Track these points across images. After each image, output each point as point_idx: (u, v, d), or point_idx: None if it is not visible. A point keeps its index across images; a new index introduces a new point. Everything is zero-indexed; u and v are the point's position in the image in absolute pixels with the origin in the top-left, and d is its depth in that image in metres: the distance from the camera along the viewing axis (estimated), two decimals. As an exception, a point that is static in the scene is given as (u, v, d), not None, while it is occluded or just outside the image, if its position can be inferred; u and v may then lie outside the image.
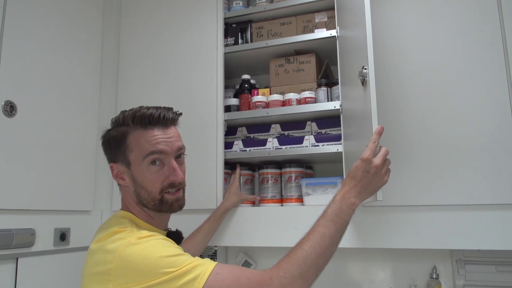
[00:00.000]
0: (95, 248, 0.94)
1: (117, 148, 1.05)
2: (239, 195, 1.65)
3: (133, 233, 0.93)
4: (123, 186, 1.09)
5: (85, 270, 0.95)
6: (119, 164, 1.05)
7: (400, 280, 1.72)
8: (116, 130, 1.07)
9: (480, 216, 1.35)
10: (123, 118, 1.05)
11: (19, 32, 1.45)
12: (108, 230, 0.96)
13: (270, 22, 1.81)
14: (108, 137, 1.08)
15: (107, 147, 1.09)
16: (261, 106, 1.72)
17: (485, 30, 1.43)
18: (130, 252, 0.86)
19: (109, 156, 1.09)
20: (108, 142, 1.08)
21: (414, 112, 1.46)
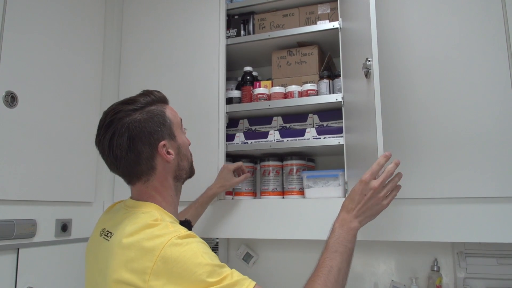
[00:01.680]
0: (128, 243, 0.89)
1: (163, 124, 1.05)
2: (229, 179, 1.56)
3: (168, 228, 0.91)
4: (159, 169, 1.04)
5: (114, 263, 0.89)
6: (166, 140, 1.04)
7: (401, 272, 1.73)
8: (148, 110, 1.03)
9: (481, 208, 1.35)
10: (151, 101, 1.06)
11: (20, 23, 1.44)
12: (139, 223, 0.93)
13: (273, 13, 1.79)
14: (147, 117, 1.02)
15: (154, 126, 1.02)
16: (263, 99, 1.72)
17: (489, 21, 1.41)
18: (171, 253, 0.85)
19: (156, 136, 1.02)
20: (153, 121, 1.02)
21: (416, 105, 1.46)
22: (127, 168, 1.02)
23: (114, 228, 0.98)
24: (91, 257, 1.04)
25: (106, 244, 0.96)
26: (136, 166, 1.01)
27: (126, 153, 0.99)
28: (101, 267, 0.95)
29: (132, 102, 1.03)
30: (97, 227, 1.09)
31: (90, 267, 1.04)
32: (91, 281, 1.01)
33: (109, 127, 0.99)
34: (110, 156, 1.00)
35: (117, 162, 1.00)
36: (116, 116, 1.00)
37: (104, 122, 1.00)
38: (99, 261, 0.97)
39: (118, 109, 1.01)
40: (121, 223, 0.97)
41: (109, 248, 0.93)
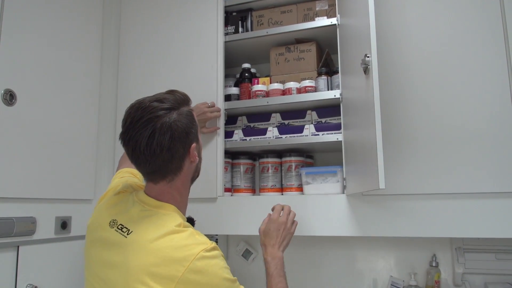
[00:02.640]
0: (155, 249, 0.93)
1: (194, 125, 1.08)
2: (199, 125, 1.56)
3: (195, 238, 0.97)
4: (184, 170, 1.07)
5: (137, 264, 0.92)
6: (195, 142, 1.08)
7: (400, 268, 1.74)
8: (182, 111, 1.05)
9: (479, 204, 1.35)
10: (184, 99, 1.08)
11: (18, 21, 1.44)
12: (164, 227, 0.97)
13: (271, 10, 1.79)
14: (183, 117, 1.04)
15: (190, 126, 1.05)
16: (261, 95, 1.72)
17: (487, 18, 1.42)
18: (201, 266, 0.91)
19: (191, 137, 1.06)
20: (188, 121, 1.05)
21: (415, 101, 1.46)
22: (159, 166, 1.02)
23: (131, 225, 1.00)
24: (99, 244, 1.04)
25: (124, 240, 0.98)
26: (168, 165, 1.03)
27: (165, 152, 1.00)
28: (116, 260, 0.97)
29: (163, 100, 1.03)
30: (101, 215, 1.08)
31: (98, 253, 1.03)
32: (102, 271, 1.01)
33: (147, 124, 0.98)
34: (146, 152, 0.99)
35: (152, 159, 1.01)
36: (154, 114, 0.99)
37: (140, 118, 0.99)
38: (113, 253, 0.99)
39: (154, 106, 1.01)
40: (141, 222, 1.00)
41: (129, 246, 0.96)
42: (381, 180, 1.05)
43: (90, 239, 1.08)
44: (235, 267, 1.95)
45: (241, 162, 1.79)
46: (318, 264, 1.84)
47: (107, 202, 1.11)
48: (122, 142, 1.03)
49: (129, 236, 0.98)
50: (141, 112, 1.00)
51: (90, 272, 1.05)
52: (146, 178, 1.09)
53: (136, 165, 1.05)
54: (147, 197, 1.07)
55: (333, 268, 1.82)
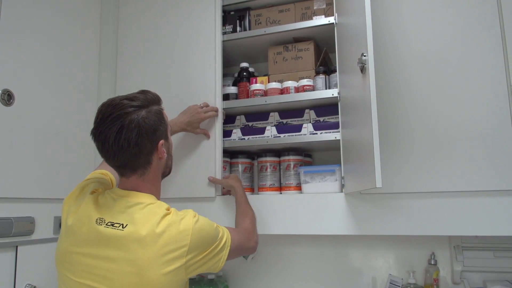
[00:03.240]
0: (160, 232, 1.01)
1: (163, 124, 1.13)
2: (196, 127, 1.65)
3: (182, 212, 1.09)
4: (153, 165, 1.12)
5: (147, 252, 0.99)
6: (163, 139, 1.13)
7: (398, 266, 1.74)
8: (151, 109, 1.10)
9: (478, 202, 1.36)
10: (155, 99, 1.13)
11: (16, 20, 1.44)
12: (158, 213, 1.04)
13: (269, 9, 1.79)
14: (152, 115, 1.09)
15: (158, 124, 1.10)
16: (259, 94, 1.72)
17: (484, 16, 1.42)
18: (198, 228, 1.06)
19: (158, 134, 1.11)
20: (157, 119, 1.10)
21: (412, 100, 1.46)
22: (127, 160, 1.08)
23: (122, 219, 1.04)
24: (88, 243, 1.04)
25: (121, 233, 1.02)
26: (136, 159, 1.08)
27: (132, 147, 1.05)
28: (116, 254, 1.00)
29: (133, 98, 1.08)
30: (84, 215, 1.08)
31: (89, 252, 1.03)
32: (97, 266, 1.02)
33: (116, 120, 1.04)
34: (114, 147, 1.04)
35: (120, 154, 1.06)
36: (123, 111, 1.05)
37: (110, 114, 1.04)
38: (110, 249, 1.01)
39: (124, 104, 1.06)
40: (131, 214, 1.04)
41: (130, 239, 1.00)
42: (378, 179, 1.06)
43: (71, 240, 1.07)
44: (234, 265, 1.96)
45: (239, 161, 1.79)
46: (316, 263, 1.84)
47: (87, 202, 1.11)
48: (93, 137, 1.08)
49: (126, 229, 1.02)
50: (111, 109, 1.05)
51: (77, 274, 1.03)
52: (117, 172, 1.14)
53: (106, 159, 1.10)
54: (126, 191, 1.11)
55: (332, 267, 1.82)
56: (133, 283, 0.98)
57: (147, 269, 0.98)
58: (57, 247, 1.10)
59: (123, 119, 1.04)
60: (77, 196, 1.16)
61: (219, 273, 1.91)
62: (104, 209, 1.08)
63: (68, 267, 1.05)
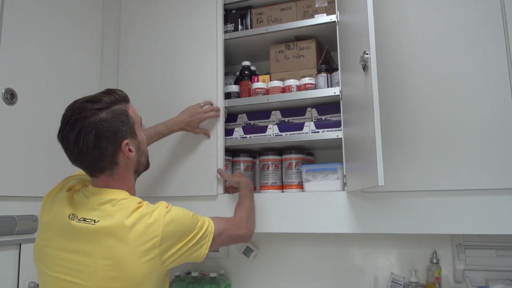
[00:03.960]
0: (131, 224, 1.02)
1: (126, 123, 1.12)
2: (196, 126, 1.65)
3: (153, 204, 1.09)
4: (121, 164, 1.12)
5: (120, 247, 1.00)
6: (128, 138, 1.12)
7: (400, 265, 1.74)
8: (112, 110, 1.09)
9: (480, 200, 1.35)
10: (119, 99, 1.12)
11: (18, 20, 1.44)
12: (129, 207, 1.05)
13: (270, 7, 1.79)
14: (112, 116, 1.08)
15: (118, 125, 1.09)
16: (261, 93, 1.72)
17: (486, 13, 1.42)
18: (170, 218, 1.06)
19: (120, 134, 1.09)
20: (118, 120, 1.09)
21: (414, 97, 1.46)
22: (91, 163, 1.09)
23: (94, 215, 1.05)
24: (61, 238, 1.05)
25: (92, 227, 1.02)
26: (99, 162, 1.09)
27: (91, 150, 1.05)
28: (88, 248, 1.02)
29: (96, 101, 1.08)
30: (59, 211, 1.09)
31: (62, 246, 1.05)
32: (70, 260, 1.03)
33: (75, 125, 1.04)
34: (75, 151, 1.06)
35: (81, 157, 1.07)
36: (82, 115, 1.05)
37: (70, 119, 1.05)
38: (81, 243, 1.02)
39: (84, 107, 1.06)
40: (103, 210, 1.05)
41: (101, 232, 1.02)
42: (380, 177, 1.06)
43: (46, 236, 1.08)
44: (236, 264, 1.96)
45: (241, 160, 1.79)
46: (318, 261, 1.85)
47: (62, 199, 1.13)
48: (58, 141, 1.09)
49: (97, 224, 1.03)
50: (71, 113, 1.06)
51: (52, 269, 1.05)
52: (86, 173, 1.15)
53: (72, 163, 1.12)
54: (98, 189, 1.11)
55: (334, 265, 1.82)
56: (111, 276, 0.99)
57: (123, 261, 1.00)
58: (35, 243, 1.12)
59: (82, 122, 1.04)
60: (56, 193, 1.17)
61: (221, 271, 1.92)
62: (78, 206, 1.09)
63: (44, 261, 1.07)
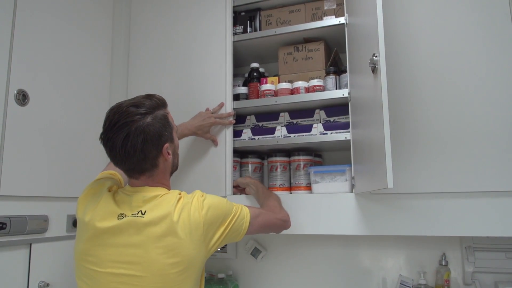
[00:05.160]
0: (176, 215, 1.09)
1: (167, 128, 1.18)
2: (207, 131, 1.66)
3: (191, 194, 1.17)
4: (160, 167, 1.17)
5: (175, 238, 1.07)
6: (168, 142, 1.18)
7: (409, 267, 1.73)
8: (156, 115, 1.15)
9: (489, 202, 1.35)
10: (160, 104, 1.18)
11: (30, 23, 1.46)
12: (173, 199, 1.12)
13: (279, 10, 1.80)
14: (156, 121, 1.13)
15: (162, 130, 1.15)
16: (269, 95, 1.72)
17: (495, 17, 1.41)
18: (207, 204, 1.14)
19: (163, 139, 1.16)
20: (161, 125, 1.15)
21: (423, 99, 1.46)
22: (134, 165, 1.14)
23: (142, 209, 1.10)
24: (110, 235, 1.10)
25: (141, 220, 1.08)
26: (142, 164, 1.14)
27: (138, 153, 1.11)
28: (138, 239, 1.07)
29: (139, 105, 1.13)
30: (105, 211, 1.13)
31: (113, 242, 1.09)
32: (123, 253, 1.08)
33: (123, 128, 1.09)
34: (121, 153, 1.11)
35: (127, 159, 1.12)
36: (129, 119, 1.10)
37: (117, 122, 1.10)
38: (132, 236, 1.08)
39: (130, 111, 1.11)
40: (148, 204, 1.11)
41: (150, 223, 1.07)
42: (389, 179, 1.06)
43: (93, 234, 1.11)
44: (244, 265, 1.96)
45: (249, 161, 1.80)
46: (326, 263, 1.84)
47: (106, 198, 1.17)
48: (101, 142, 1.14)
49: (146, 215, 1.09)
50: (118, 116, 1.11)
51: (104, 265, 1.09)
52: (126, 174, 1.20)
53: (114, 163, 1.17)
54: (138, 187, 1.17)
55: (342, 267, 1.82)
56: (169, 262, 1.05)
57: (176, 247, 1.06)
58: (76, 245, 1.15)
59: (129, 126, 1.09)
60: (93, 194, 1.21)
61: (229, 272, 1.92)
62: (122, 205, 1.14)
63: (92, 260, 1.10)
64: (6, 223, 1.31)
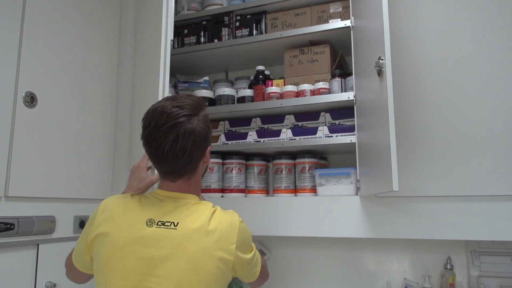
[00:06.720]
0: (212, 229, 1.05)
1: (211, 129, 1.17)
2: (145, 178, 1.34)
3: (225, 211, 1.13)
4: (199, 169, 1.15)
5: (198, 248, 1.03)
6: (210, 145, 1.17)
7: (414, 270, 1.73)
8: (201, 116, 1.11)
9: (495, 206, 1.34)
10: (201, 104, 1.14)
11: (38, 26, 1.48)
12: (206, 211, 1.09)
13: (285, 13, 1.80)
14: (202, 123, 1.10)
15: (208, 131, 1.13)
16: (275, 97, 1.73)
17: (502, 20, 1.41)
18: (243, 227, 1.12)
19: (208, 141, 1.15)
20: (207, 126, 1.13)
21: (429, 103, 1.46)
22: (180, 167, 1.10)
23: (172, 218, 1.06)
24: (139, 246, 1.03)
25: (174, 232, 1.04)
26: (186, 166, 1.11)
27: (186, 155, 1.07)
28: (168, 253, 1.02)
29: (183, 106, 1.09)
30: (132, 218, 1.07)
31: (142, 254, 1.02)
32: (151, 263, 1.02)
33: (171, 129, 1.05)
34: (169, 154, 1.06)
35: (174, 161, 1.08)
36: (178, 120, 1.06)
37: (165, 123, 1.06)
38: (162, 248, 1.02)
39: (176, 112, 1.07)
40: (180, 213, 1.08)
41: (182, 236, 1.03)
42: (394, 182, 1.06)
43: (121, 244, 1.04)
44: (249, 267, 1.96)
45: (255, 164, 1.80)
46: (331, 265, 1.84)
47: (130, 205, 1.11)
48: (144, 143, 1.10)
49: (178, 227, 1.05)
50: (165, 117, 1.06)
51: (132, 278, 1.02)
52: (164, 176, 1.15)
53: (157, 165, 1.13)
54: (171, 192, 1.13)
55: (346, 270, 1.82)
56: (191, 278, 1.01)
57: (201, 263, 1.02)
58: (98, 255, 1.06)
59: (178, 128, 1.05)
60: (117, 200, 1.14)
61: (234, 274, 1.92)
62: (152, 209, 1.09)
63: (115, 274, 1.03)
64: (14, 223, 1.32)
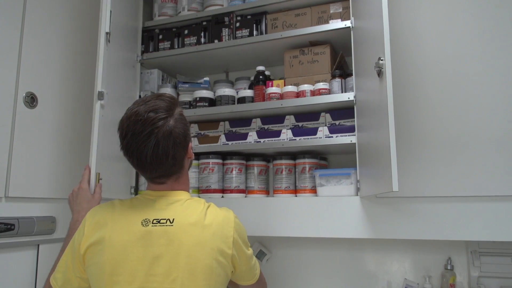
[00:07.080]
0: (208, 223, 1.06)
1: (187, 125, 1.15)
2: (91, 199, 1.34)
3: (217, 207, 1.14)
4: (185, 167, 1.16)
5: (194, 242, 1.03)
6: (190, 140, 1.17)
7: (415, 271, 1.73)
8: (175, 115, 1.09)
9: (495, 207, 1.34)
10: (173, 102, 1.13)
11: (39, 25, 1.48)
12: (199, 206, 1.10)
13: (285, 13, 1.80)
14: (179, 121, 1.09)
15: (186, 129, 1.12)
16: (275, 98, 1.73)
17: (502, 20, 1.41)
18: (239, 223, 1.13)
19: (188, 138, 1.14)
20: (184, 124, 1.12)
21: (429, 103, 1.46)
22: (165, 170, 1.10)
23: (167, 215, 1.06)
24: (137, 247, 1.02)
25: (170, 229, 1.04)
26: (172, 167, 1.10)
27: (170, 158, 1.07)
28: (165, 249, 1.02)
29: (157, 109, 1.06)
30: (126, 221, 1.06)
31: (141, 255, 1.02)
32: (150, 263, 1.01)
33: (149, 136, 1.04)
34: (153, 161, 1.05)
35: (158, 166, 1.07)
36: (154, 126, 1.04)
37: (142, 131, 1.04)
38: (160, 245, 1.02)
39: (151, 117, 1.05)
40: (174, 210, 1.07)
41: (178, 231, 1.03)
42: (394, 182, 1.06)
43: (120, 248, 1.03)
44: (249, 268, 1.96)
45: (255, 164, 1.80)
46: (331, 266, 1.84)
47: (121, 209, 1.10)
48: (125, 153, 1.08)
49: (174, 223, 1.05)
50: (141, 125, 1.04)
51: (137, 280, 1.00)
52: (151, 181, 1.14)
53: (143, 172, 1.12)
54: (161, 191, 1.12)
55: (347, 270, 1.82)
56: (191, 273, 1.01)
57: (201, 258, 1.02)
58: (97, 264, 1.03)
59: (156, 133, 1.04)
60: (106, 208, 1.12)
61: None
62: (145, 209, 1.08)
63: (118, 279, 1.01)
64: (14, 224, 1.33)
